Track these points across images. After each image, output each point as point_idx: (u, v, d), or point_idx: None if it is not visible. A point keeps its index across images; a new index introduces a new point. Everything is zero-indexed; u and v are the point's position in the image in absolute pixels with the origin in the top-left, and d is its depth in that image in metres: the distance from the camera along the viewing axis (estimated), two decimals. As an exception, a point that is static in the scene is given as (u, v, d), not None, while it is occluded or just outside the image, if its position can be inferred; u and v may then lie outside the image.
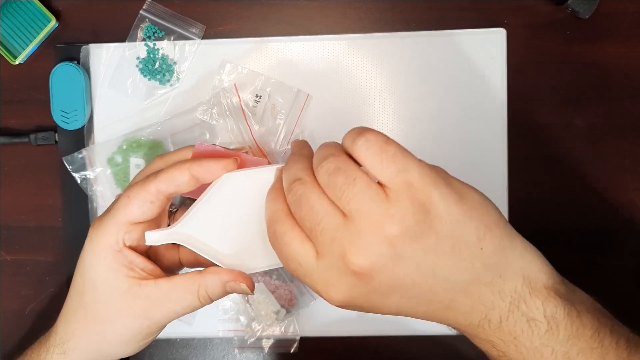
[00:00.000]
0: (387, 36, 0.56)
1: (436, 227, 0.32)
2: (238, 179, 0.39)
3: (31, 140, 0.57)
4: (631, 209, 0.56)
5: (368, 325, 0.56)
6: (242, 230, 0.40)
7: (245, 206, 0.39)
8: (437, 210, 0.32)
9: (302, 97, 0.56)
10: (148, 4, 0.56)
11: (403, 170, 0.32)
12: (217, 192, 0.39)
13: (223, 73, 0.56)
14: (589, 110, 0.56)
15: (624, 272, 0.57)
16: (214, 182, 0.39)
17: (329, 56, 0.56)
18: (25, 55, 0.56)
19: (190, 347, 0.58)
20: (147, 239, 0.39)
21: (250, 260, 0.41)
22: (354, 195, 0.32)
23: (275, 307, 0.55)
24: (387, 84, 0.56)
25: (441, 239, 0.32)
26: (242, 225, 0.40)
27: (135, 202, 0.40)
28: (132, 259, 0.40)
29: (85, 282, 0.41)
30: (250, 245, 0.40)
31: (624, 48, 0.56)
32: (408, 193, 0.32)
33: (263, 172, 0.39)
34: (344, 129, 0.36)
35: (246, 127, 0.55)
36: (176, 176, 0.40)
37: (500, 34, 0.55)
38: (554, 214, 0.56)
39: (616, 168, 0.56)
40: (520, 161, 0.56)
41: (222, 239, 0.40)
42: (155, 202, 0.40)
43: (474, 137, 0.55)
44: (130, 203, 0.40)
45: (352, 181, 0.32)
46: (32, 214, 0.58)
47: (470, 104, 0.55)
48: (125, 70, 0.56)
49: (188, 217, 0.39)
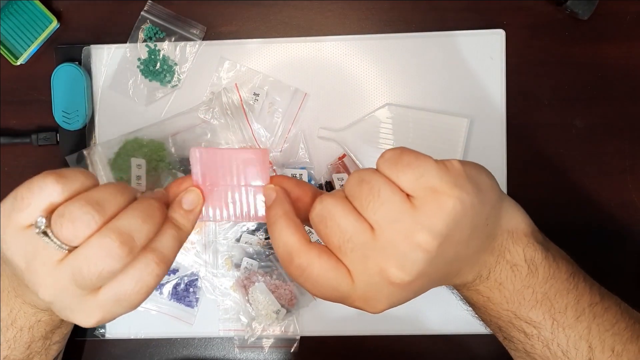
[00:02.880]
0: (387, 37, 0.56)
1: (462, 224, 0.33)
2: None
3: (32, 141, 0.57)
4: (631, 209, 0.56)
5: (368, 325, 0.56)
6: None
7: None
8: (464, 209, 0.33)
9: (299, 95, 0.56)
10: (149, 5, 0.56)
11: (421, 176, 0.33)
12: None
13: (221, 70, 0.56)
14: (589, 111, 0.56)
15: (625, 272, 0.57)
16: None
17: (329, 57, 0.56)
18: (26, 56, 0.57)
19: (190, 347, 0.58)
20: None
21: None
22: (380, 204, 0.32)
23: (276, 307, 0.55)
24: (386, 84, 0.56)
25: (465, 231, 0.33)
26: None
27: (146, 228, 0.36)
28: None
29: None
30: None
31: (623, 48, 0.56)
32: (433, 198, 0.32)
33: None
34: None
35: (246, 126, 0.55)
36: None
37: (500, 35, 0.55)
38: (553, 214, 0.56)
39: (616, 168, 0.56)
40: (520, 161, 0.56)
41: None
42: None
43: (474, 137, 0.56)
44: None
45: (377, 191, 0.33)
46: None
47: (470, 104, 0.56)
48: (126, 71, 0.57)
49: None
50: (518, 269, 0.37)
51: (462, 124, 0.55)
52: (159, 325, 0.57)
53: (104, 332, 0.57)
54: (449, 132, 0.55)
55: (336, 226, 0.33)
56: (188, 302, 0.57)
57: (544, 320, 0.37)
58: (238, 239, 0.56)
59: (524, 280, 0.37)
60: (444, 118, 0.55)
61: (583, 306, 0.37)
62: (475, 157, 0.55)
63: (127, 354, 0.59)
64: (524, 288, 0.37)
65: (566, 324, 0.37)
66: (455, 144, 0.55)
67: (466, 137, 0.55)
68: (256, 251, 0.56)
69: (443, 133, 0.55)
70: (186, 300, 0.57)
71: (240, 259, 0.56)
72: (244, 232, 0.56)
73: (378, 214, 0.32)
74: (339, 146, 0.56)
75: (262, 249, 0.56)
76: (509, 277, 0.37)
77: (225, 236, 0.56)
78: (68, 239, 0.31)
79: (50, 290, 0.33)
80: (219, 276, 0.57)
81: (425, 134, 0.55)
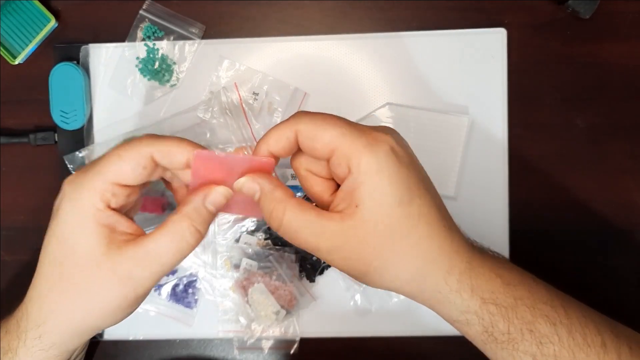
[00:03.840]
0: (387, 36, 0.56)
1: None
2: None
3: (30, 141, 0.56)
4: (632, 209, 0.56)
5: (368, 326, 0.56)
6: None
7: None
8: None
9: (299, 95, 0.56)
10: (148, 4, 0.56)
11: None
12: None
13: (220, 69, 0.56)
14: (590, 110, 0.56)
15: (625, 272, 0.56)
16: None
17: (329, 56, 0.56)
18: (24, 55, 0.56)
19: (190, 348, 0.58)
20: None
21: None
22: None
23: (275, 308, 0.55)
24: (387, 83, 0.56)
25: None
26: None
27: (128, 162, 0.36)
28: (117, 220, 0.36)
29: (64, 248, 0.36)
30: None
31: (625, 48, 0.56)
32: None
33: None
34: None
35: (246, 125, 0.55)
36: (174, 152, 0.36)
37: (501, 34, 0.55)
38: (554, 214, 0.56)
39: (617, 168, 0.56)
40: (521, 161, 0.56)
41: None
42: (148, 169, 0.36)
43: (474, 136, 0.55)
44: (122, 162, 0.36)
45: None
46: (32, 215, 0.58)
47: (471, 103, 0.55)
48: (124, 70, 0.56)
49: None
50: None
51: (462, 123, 0.55)
52: (158, 326, 0.57)
53: (102, 333, 0.57)
54: (449, 131, 0.55)
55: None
56: (187, 303, 0.57)
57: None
58: (237, 240, 0.56)
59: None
60: (444, 117, 0.55)
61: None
62: (476, 157, 0.55)
63: (126, 356, 0.58)
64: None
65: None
66: (455, 143, 0.55)
67: (467, 136, 0.55)
68: (255, 252, 0.56)
69: (444, 132, 0.55)
70: (185, 301, 0.57)
71: (240, 259, 0.56)
72: (243, 233, 0.56)
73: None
74: (339, 146, 0.56)
75: (261, 249, 0.56)
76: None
77: (225, 237, 0.56)
78: None
79: None
80: (218, 277, 0.56)
81: (426, 133, 0.55)
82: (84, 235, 0.36)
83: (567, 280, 0.56)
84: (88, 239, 0.36)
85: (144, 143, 0.36)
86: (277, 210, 0.35)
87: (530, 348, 0.36)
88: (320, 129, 0.35)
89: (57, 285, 0.37)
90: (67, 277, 0.36)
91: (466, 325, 0.37)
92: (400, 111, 0.55)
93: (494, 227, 0.55)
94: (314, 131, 0.35)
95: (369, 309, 0.56)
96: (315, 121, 0.35)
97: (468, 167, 0.55)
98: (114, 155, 0.36)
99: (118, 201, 0.36)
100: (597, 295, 0.56)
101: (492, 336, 0.37)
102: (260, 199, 0.36)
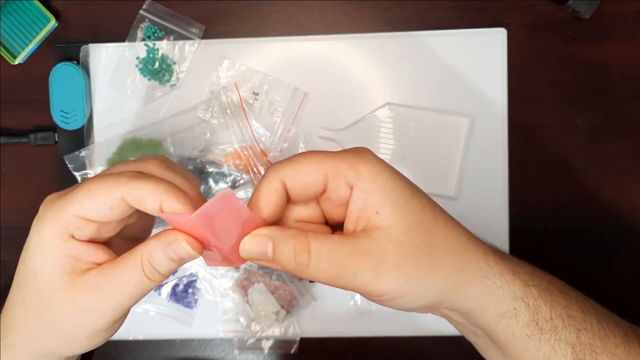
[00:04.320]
0: (387, 36, 0.56)
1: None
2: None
3: (30, 141, 0.56)
4: (632, 209, 0.56)
5: (368, 325, 0.56)
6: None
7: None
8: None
9: (299, 95, 0.55)
10: (148, 4, 0.56)
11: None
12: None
13: (221, 70, 0.56)
14: (590, 110, 0.56)
15: (626, 272, 0.56)
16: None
17: (329, 56, 0.56)
18: (24, 55, 0.56)
19: (189, 348, 0.58)
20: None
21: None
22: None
23: (275, 308, 0.55)
24: (387, 83, 0.56)
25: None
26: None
27: (94, 200, 0.34)
28: (80, 251, 0.35)
29: (27, 271, 0.36)
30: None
31: (625, 47, 0.56)
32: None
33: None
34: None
35: (246, 125, 0.55)
36: (145, 198, 0.33)
37: (501, 34, 0.55)
38: (554, 215, 0.56)
39: (617, 168, 0.56)
40: (521, 161, 0.56)
41: None
42: (116, 210, 0.34)
43: (475, 137, 0.55)
44: (89, 198, 0.34)
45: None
46: (32, 215, 0.57)
47: (471, 103, 0.55)
48: (124, 70, 0.56)
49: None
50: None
51: (462, 123, 0.55)
52: (158, 326, 0.57)
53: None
54: (449, 132, 0.55)
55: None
56: (187, 303, 0.57)
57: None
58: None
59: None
60: (444, 117, 0.55)
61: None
62: (476, 157, 0.55)
63: (126, 355, 0.58)
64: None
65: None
66: (455, 144, 0.55)
67: (467, 136, 0.55)
68: (256, 252, 0.56)
69: (444, 132, 0.55)
70: (185, 301, 0.57)
71: (240, 259, 0.56)
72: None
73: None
74: (339, 146, 0.56)
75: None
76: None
77: (225, 236, 0.56)
78: None
79: None
80: (218, 277, 0.56)
81: (426, 133, 0.55)
82: (45, 263, 0.35)
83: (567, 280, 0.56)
84: (49, 267, 0.35)
85: (116, 182, 0.34)
86: (300, 244, 0.33)
87: (570, 337, 0.35)
88: (304, 163, 0.34)
89: (21, 308, 0.37)
90: (29, 303, 0.36)
91: (514, 319, 0.35)
92: (400, 111, 0.55)
93: (493, 227, 0.55)
94: (300, 167, 0.34)
95: (369, 309, 0.56)
96: (295, 160, 0.34)
97: (468, 167, 0.55)
98: (84, 188, 0.34)
99: (84, 233, 0.35)
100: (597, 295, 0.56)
101: (538, 325, 0.35)
102: (274, 248, 0.33)
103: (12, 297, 0.37)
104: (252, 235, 0.33)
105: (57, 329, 0.36)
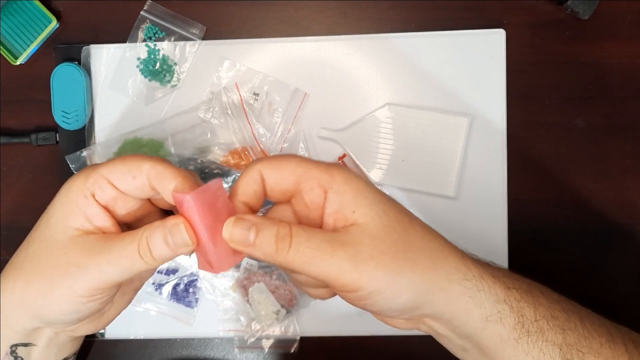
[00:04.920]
0: (387, 37, 0.56)
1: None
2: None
3: (32, 141, 0.57)
4: (632, 209, 0.56)
5: (368, 325, 0.56)
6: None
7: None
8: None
9: (299, 95, 0.56)
10: (149, 5, 0.56)
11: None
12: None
13: (221, 70, 0.56)
14: (590, 110, 0.56)
15: (626, 272, 0.56)
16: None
17: (329, 56, 0.56)
18: (26, 56, 0.57)
19: (190, 347, 0.58)
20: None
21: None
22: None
23: (276, 307, 0.55)
24: (386, 84, 0.56)
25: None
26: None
27: (123, 166, 0.37)
28: (94, 212, 0.37)
29: (42, 219, 0.38)
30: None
31: (624, 48, 0.56)
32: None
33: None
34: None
35: (247, 125, 0.55)
36: (166, 176, 0.37)
37: (500, 34, 0.55)
38: (554, 214, 0.56)
39: (617, 168, 0.56)
40: (520, 161, 0.56)
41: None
42: (137, 180, 0.37)
43: (474, 137, 0.55)
44: (120, 163, 0.37)
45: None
46: (32, 214, 0.58)
47: (470, 103, 0.55)
48: (125, 71, 0.57)
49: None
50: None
51: (462, 124, 0.55)
52: (159, 325, 0.57)
53: (103, 332, 0.57)
54: (449, 132, 0.55)
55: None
56: (187, 303, 0.57)
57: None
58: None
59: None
60: (444, 117, 0.55)
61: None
62: (476, 157, 0.55)
63: (126, 355, 0.58)
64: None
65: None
66: (455, 143, 0.55)
67: (466, 136, 0.55)
68: (256, 251, 0.56)
69: (443, 132, 0.55)
70: (185, 300, 0.57)
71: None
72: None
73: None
74: (339, 146, 0.56)
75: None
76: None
77: (225, 236, 0.56)
78: None
79: None
80: (218, 276, 0.56)
81: (426, 133, 0.55)
82: (62, 214, 0.37)
83: (566, 280, 0.56)
84: (64, 217, 0.37)
85: (147, 158, 0.37)
86: (283, 229, 0.34)
87: (556, 338, 0.36)
88: (283, 160, 0.37)
89: (24, 254, 0.39)
90: (31, 248, 0.38)
91: (500, 323, 0.36)
92: (399, 111, 0.55)
93: (493, 227, 0.55)
94: (278, 163, 0.36)
95: (369, 309, 0.56)
96: (275, 157, 0.37)
97: (468, 167, 0.55)
98: (119, 157, 0.38)
99: (103, 196, 0.37)
100: (597, 295, 0.56)
101: (524, 328, 0.36)
102: (257, 232, 0.34)
103: (21, 246, 0.39)
104: (237, 219, 0.35)
105: (41, 280, 0.37)
